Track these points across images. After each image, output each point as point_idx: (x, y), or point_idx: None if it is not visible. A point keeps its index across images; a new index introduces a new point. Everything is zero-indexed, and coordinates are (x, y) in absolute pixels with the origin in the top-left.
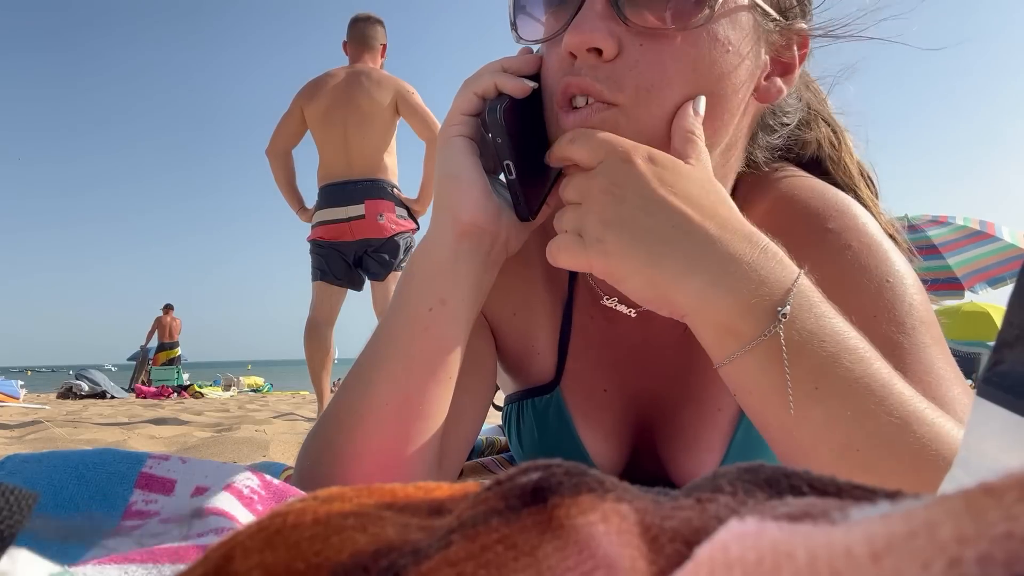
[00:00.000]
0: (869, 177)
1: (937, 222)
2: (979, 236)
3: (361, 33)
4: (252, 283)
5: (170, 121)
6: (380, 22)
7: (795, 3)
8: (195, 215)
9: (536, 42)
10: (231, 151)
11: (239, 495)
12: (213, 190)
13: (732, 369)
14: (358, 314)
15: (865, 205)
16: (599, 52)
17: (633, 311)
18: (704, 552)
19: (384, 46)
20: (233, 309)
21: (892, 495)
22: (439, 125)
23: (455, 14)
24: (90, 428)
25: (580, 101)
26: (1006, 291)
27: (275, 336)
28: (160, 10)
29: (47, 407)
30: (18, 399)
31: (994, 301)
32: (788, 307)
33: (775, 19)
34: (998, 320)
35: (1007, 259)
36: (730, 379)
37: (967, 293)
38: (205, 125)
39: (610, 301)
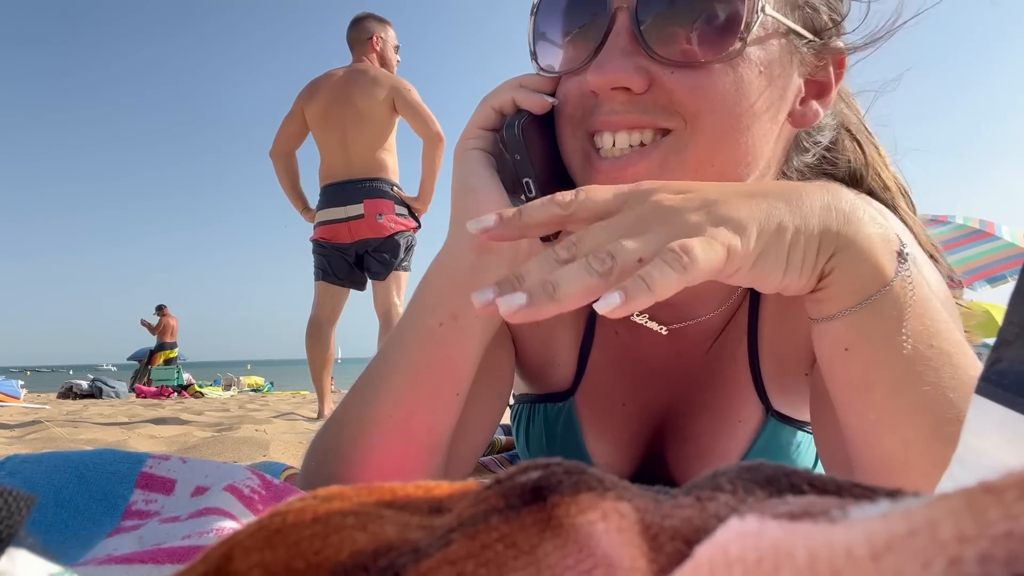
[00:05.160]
0: (906, 191)
1: (937, 221)
2: (978, 235)
3: (352, 33)
4: (252, 283)
5: (171, 116)
6: (371, 18)
7: (831, 23)
8: (196, 213)
9: (556, 73)
10: (231, 148)
11: (239, 495)
12: (214, 188)
13: (864, 315)
14: (360, 314)
15: (904, 220)
16: (626, 89)
17: (664, 328)
18: (704, 551)
19: (377, 37)
20: (233, 309)
21: (892, 494)
22: (436, 122)
23: (467, 26)
24: (90, 428)
25: (615, 139)
26: (1005, 290)
27: (275, 336)
28: (161, 7)
29: (47, 407)
30: (19, 399)
31: (995, 300)
32: (907, 248)
33: (810, 40)
34: (999, 319)
35: (1007, 257)
36: (856, 327)
37: (966, 292)
38: (207, 121)
39: (640, 318)
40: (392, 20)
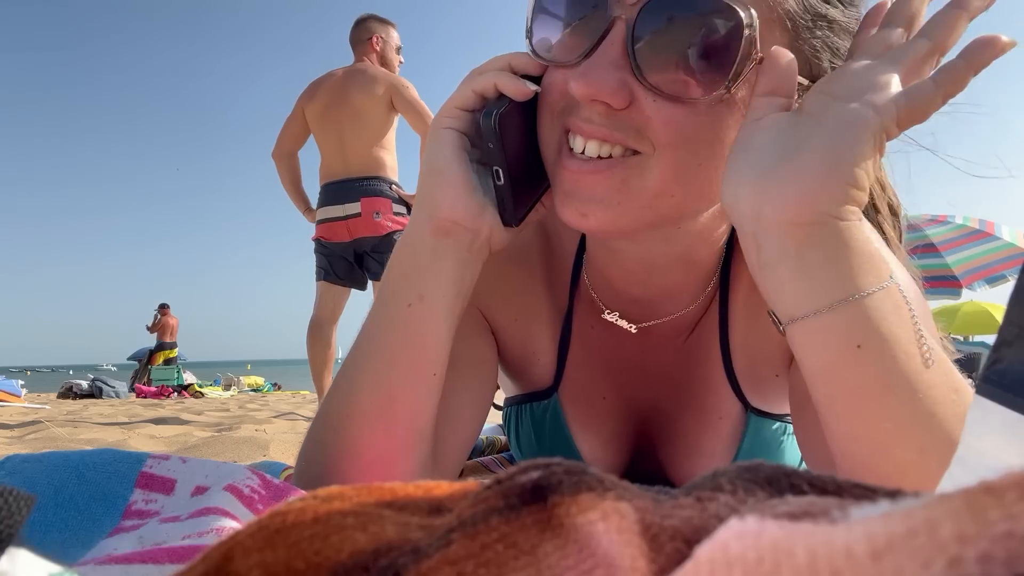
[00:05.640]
0: (897, 213)
1: (936, 221)
2: (978, 235)
3: (354, 34)
4: (252, 283)
5: (172, 120)
6: (373, 18)
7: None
8: (196, 213)
9: (547, 61)
10: (232, 149)
11: (239, 494)
12: (214, 188)
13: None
14: (361, 314)
15: (888, 244)
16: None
17: (633, 327)
18: (704, 551)
19: (378, 37)
20: (233, 309)
21: (892, 494)
22: None
23: (463, 14)
24: (90, 428)
25: (585, 146)
26: (1004, 289)
27: (276, 336)
28: (167, 12)
29: (47, 407)
30: (20, 397)
31: (993, 300)
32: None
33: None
34: (999, 318)
35: (1006, 257)
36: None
37: (965, 291)
38: (208, 123)
39: (611, 316)
40: (397, 23)
